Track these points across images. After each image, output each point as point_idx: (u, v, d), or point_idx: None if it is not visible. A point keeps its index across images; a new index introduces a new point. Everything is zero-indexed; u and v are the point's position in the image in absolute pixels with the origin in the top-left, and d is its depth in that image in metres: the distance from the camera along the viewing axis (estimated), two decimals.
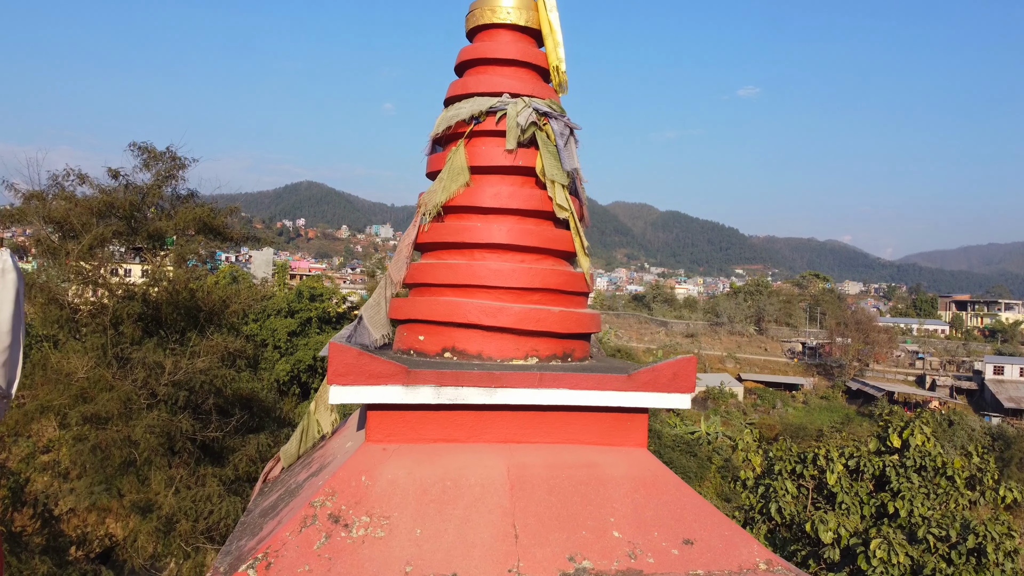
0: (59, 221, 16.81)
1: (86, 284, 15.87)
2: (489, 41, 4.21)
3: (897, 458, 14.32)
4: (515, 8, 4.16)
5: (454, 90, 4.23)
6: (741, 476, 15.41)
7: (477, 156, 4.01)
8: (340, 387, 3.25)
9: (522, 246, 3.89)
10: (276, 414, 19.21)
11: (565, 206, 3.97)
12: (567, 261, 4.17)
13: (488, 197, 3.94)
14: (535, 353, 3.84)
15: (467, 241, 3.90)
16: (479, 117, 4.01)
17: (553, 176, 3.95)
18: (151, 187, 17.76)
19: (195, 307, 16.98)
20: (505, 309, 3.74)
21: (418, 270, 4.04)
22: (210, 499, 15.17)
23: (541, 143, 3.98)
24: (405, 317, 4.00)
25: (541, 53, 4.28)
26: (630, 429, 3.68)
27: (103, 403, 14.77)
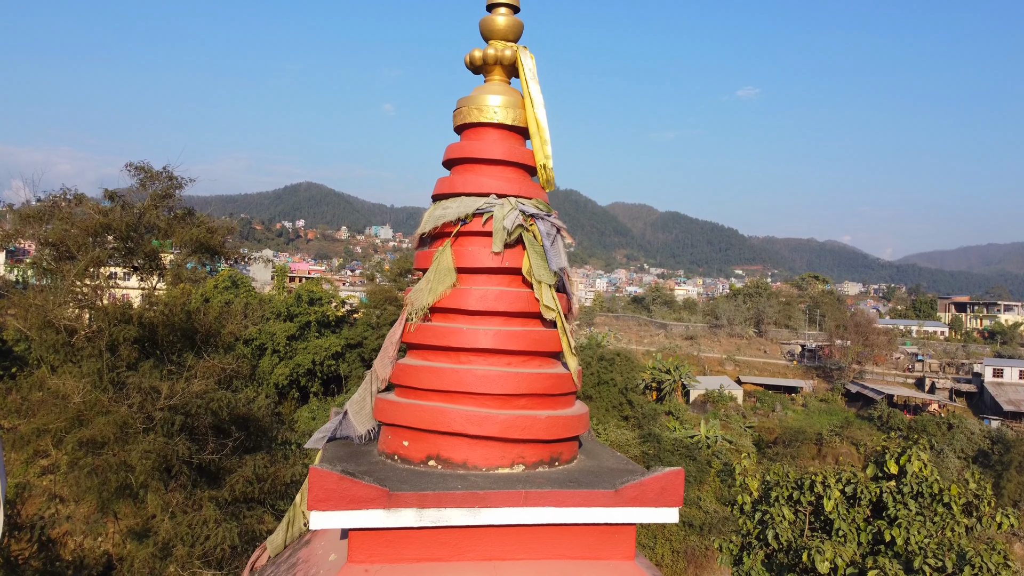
0: (55, 243, 16.78)
1: (82, 308, 15.83)
2: (476, 140, 4.18)
3: (894, 484, 14.30)
4: (502, 107, 4.12)
5: (441, 188, 4.20)
6: (738, 501, 15.39)
7: (464, 257, 3.98)
8: (320, 513, 3.22)
9: (508, 350, 3.86)
10: (273, 433, 19.17)
11: (552, 306, 3.94)
12: (555, 359, 4.14)
13: (474, 300, 3.90)
14: (521, 460, 3.81)
15: (453, 345, 3.87)
16: (466, 219, 3.98)
17: (540, 277, 3.92)
18: (148, 207, 17.71)
19: (191, 328, 16.94)
20: (490, 417, 3.71)
21: (403, 371, 4.01)
22: (206, 523, 15.13)
23: (528, 243, 3.95)
24: (390, 421, 3.97)
25: (528, 151, 4.24)
26: (618, 542, 3.65)
27: (99, 427, 14.74)
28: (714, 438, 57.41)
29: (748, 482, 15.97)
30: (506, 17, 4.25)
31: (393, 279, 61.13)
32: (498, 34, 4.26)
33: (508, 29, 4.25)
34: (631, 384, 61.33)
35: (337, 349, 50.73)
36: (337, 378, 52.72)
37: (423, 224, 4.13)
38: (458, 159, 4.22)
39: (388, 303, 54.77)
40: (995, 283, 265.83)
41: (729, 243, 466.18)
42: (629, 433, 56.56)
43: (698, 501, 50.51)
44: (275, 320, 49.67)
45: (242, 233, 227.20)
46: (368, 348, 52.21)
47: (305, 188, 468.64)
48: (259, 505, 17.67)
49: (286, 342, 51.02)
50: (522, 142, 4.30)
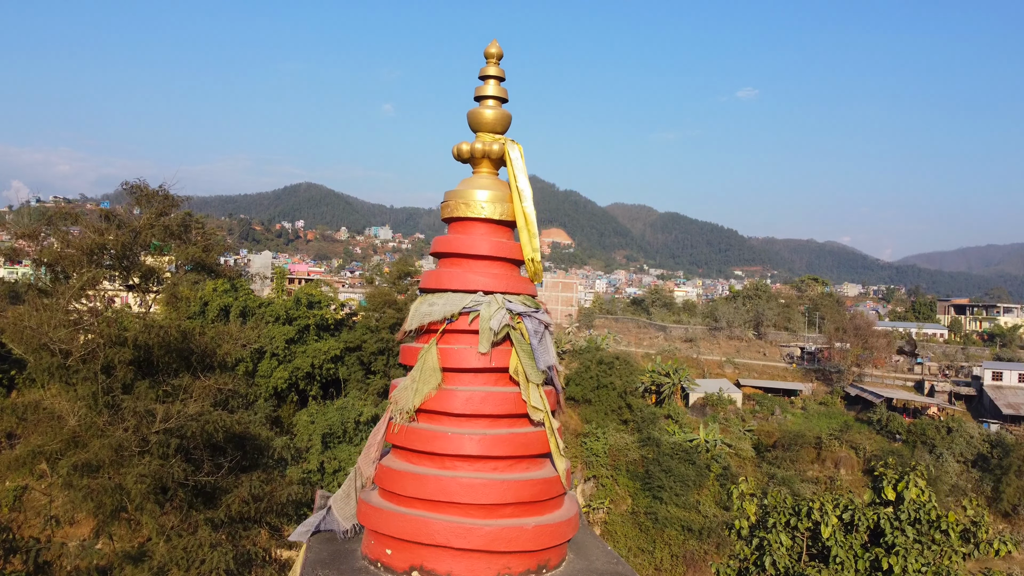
0: (51, 263, 16.74)
1: (77, 330, 15.78)
2: (463, 235, 4.13)
3: (892, 511, 14.26)
4: (489, 202, 4.07)
5: (428, 281, 4.14)
6: (736, 525, 15.35)
7: (450, 357, 3.92)
8: None
9: (494, 456, 3.80)
10: (269, 452, 19.14)
11: (540, 407, 3.89)
12: (543, 459, 4.08)
13: (460, 403, 3.85)
14: (507, 571, 3.75)
15: (438, 451, 3.81)
16: (452, 317, 3.93)
17: (528, 377, 3.87)
18: (144, 226, 17.67)
19: (187, 349, 16.90)
20: (475, 529, 3.65)
21: (387, 475, 3.95)
22: (201, 547, 15.11)
23: (515, 342, 3.90)
24: (373, 528, 3.91)
25: (516, 245, 4.19)
26: None
27: (95, 450, 14.71)
28: (713, 442, 57.40)
29: (746, 506, 15.92)
30: (494, 110, 4.20)
31: (392, 282, 61.07)
32: (486, 127, 4.21)
33: (496, 122, 4.20)
34: (630, 387, 61.32)
35: (336, 352, 50.69)
36: (336, 381, 52.71)
37: (409, 320, 4.08)
38: (445, 253, 4.17)
39: (387, 306, 54.71)
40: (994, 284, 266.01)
41: (729, 244, 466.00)
42: (628, 437, 56.58)
43: (697, 505, 50.52)
44: (274, 323, 49.58)
45: (242, 234, 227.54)
46: (367, 352, 52.18)
47: (305, 188, 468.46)
48: (255, 524, 17.67)
49: (285, 345, 50.95)
50: (510, 235, 4.25)
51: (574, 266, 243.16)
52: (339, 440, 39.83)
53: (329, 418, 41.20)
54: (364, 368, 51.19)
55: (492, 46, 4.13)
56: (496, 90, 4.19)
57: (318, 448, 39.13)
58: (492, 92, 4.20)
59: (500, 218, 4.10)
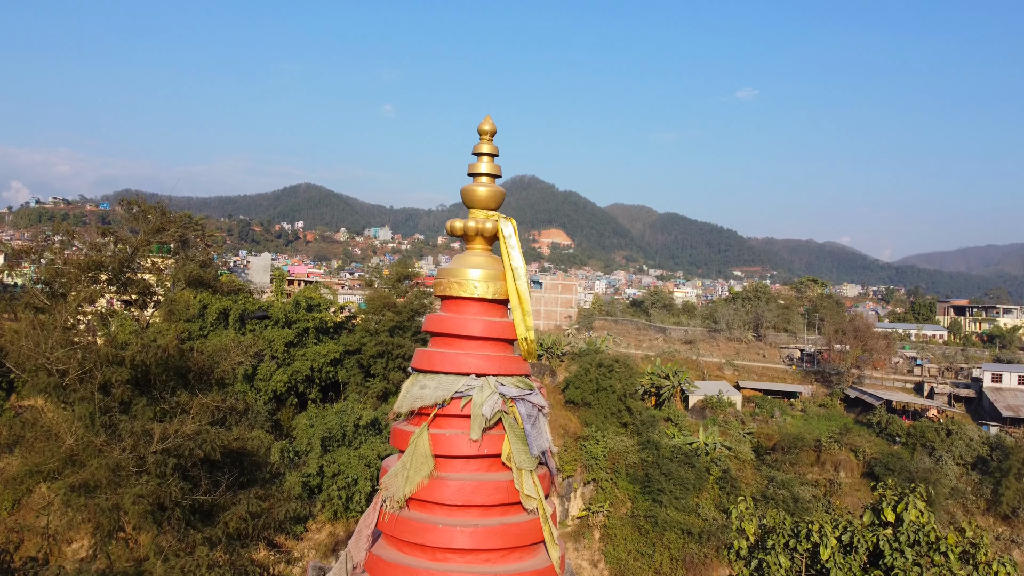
0: (48, 281, 16.70)
1: (74, 349, 15.72)
2: (456, 314, 4.07)
3: (891, 532, 14.23)
4: (482, 281, 4.01)
5: (420, 361, 4.08)
6: (735, 546, 15.30)
7: (441, 444, 3.86)
8: None
9: (486, 548, 3.74)
10: (267, 468, 19.08)
11: (533, 495, 3.83)
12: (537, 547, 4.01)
13: (451, 493, 3.79)
14: None
15: (428, 544, 3.75)
16: (444, 402, 3.87)
17: (520, 464, 3.81)
18: (141, 243, 17.63)
19: (184, 367, 16.84)
20: None
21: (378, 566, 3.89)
22: (199, 567, 15.07)
23: (508, 427, 3.84)
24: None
25: (509, 324, 4.13)
26: None
27: (92, 470, 14.65)
28: (713, 445, 57.32)
29: (745, 526, 15.86)
30: (487, 188, 4.14)
31: (391, 284, 60.98)
32: (479, 204, 4.15)
33: (489, 199, 4.14)
34: (630, 390, 61.17)
35: (335, 355, 50.64)
36: (335, 384, 52.69)
37: (400, 401, 4.02)
38: (438, 332, 4.11)
39: (386, 309, 54.64)
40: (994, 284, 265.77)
41: (728, 244, 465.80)
42: (628, 440, 56.46)
43: (697, 509, 50.44)
44: (273, 327, 49.53)
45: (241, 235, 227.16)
46: (366, 355, 52.14)
47: (304, 189, 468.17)
48: (253, 541, 17.62)
49: (284, 348, 50.90)
50: (504, 313, 4.19)
51: (573, 267, 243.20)
52: (338, 443, 39.79)
53: (328, 421, 41.17)
54: (363, 371, 51.12)
55: (485, 123, 4.07)
56: (490, 168, 4.13)
57: (317, 451, 39.09)
58: (485, 169, 4.14)
59: (493, 297, 4.04)
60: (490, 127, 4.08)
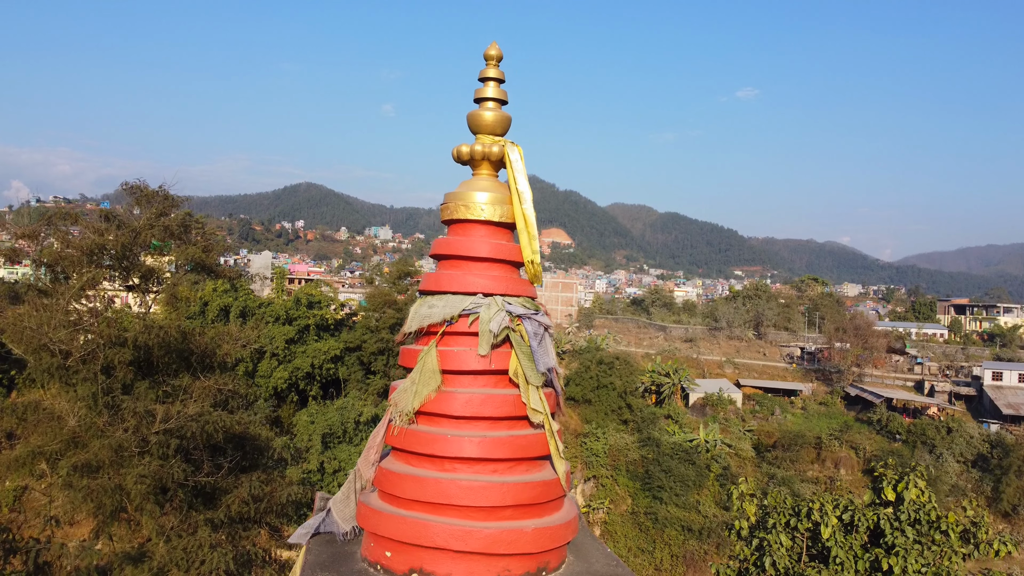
0: (51, 264, 16.73)
1: (77, 330, 15.77)
2: (463, 236, 4.13)
3: (892, 511, 14.26)
4: (489, 204, 4.07)
5: (428, 284, 4.15)
6: (736, 526, 15.34)
7: (449, 359, 3.92)
8: None
9: (493, 458, 3.80)
10: (269, 453, 19.13)
11: (539, 409, 3.89)
12: (543, 462, 4.08)
13: (460, 405, 3.85)
14: (507, 573, 3.75)
15: (437, 454, 3.82)
16: (452, 319, 3.93)
17: (528, 379, 3.87)
18: (144, 227, 17.66)
19: (187, 349, 16.89)
20: (475, 532, 3.65)
21: (387, 477, 3.95)
22: (201, 547, 15.10)
23: (515, 344, 3.90)
24: (372, 530, 3.91)
25: (515, 247, 4.19)
26: None
27: (95, 451, 14.70)
28: (713, 442, 57.41)
29: (745, 507, 15.91)
30: (494, 112, 4.21)
31: (392, 282, 61.03)
32: (486, 129, 4.21)
33: (496, 124, 4.20)
34: (630, 387, 61.31)
35: (336, 353, 50.70)
36: (336, 381, 52.69)
37: (409, 322, 4.08)
38: (445, 255, 4.17)
39: (387, 306, 54.66)
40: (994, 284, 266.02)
41: (728, 244, 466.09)
42: (628, 437, 56.57)
43: (697, 506, 50.49)
44: (274, 324, 49.59)
45: (241, 234, 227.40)
46: (367, 352, 52.13)
47: (304, 188, 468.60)
48: (255, 525, 17.65)
49: (285, 345, 50.94)
50: (510, 237, 4.25)
51: (574, 266, 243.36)
52: (339, 440, 39.80)
53: (329, 418, 41.17)
54: (364, 368, 51.18)
55: (491, 48, 4.13)
56: (496, 92, 4.19)
57: (318, 448, 39.10)
58: (492, 94, 4.20)
59: (500, 220, 4.11)
60: (496, 52, 4.14)
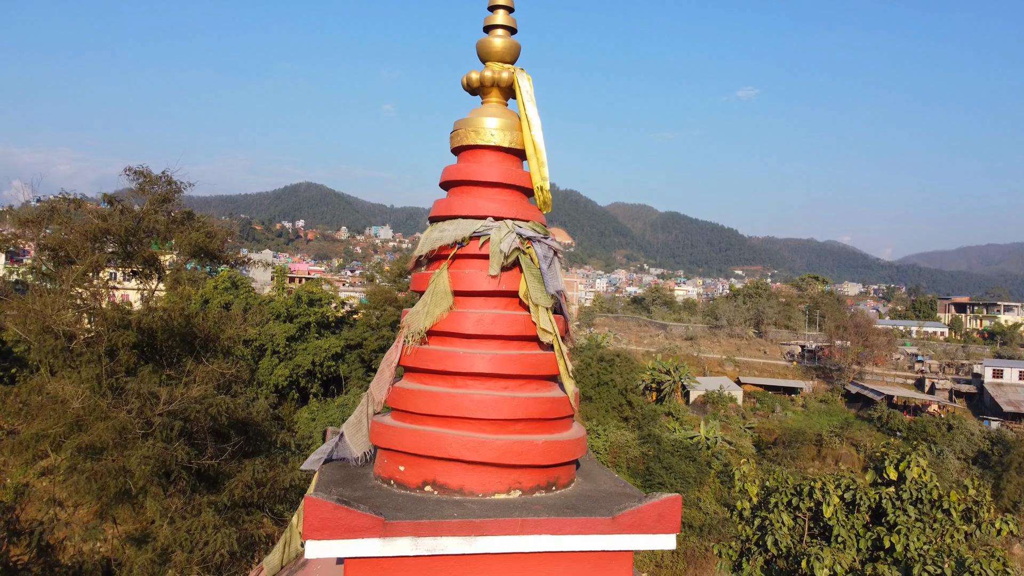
0: (54, 248, 16.76)
1: (81, 312, 15.81)
2: (473, 162, 4.17)
3: (893, 490, 14.28)
4: (499, 130, 4.11)
5: (438, 209, 4.19)
6: (738, 507, 15.37)
7: (460, 280, 3.97)
8: (316, 542, 3.21)
9: (505, 374, 3.85)
10: (272, 438, 19.16)
11: (549, 329, 3.93)
12: (552, 382, 4.13)
13: (471, 323, 3.90)
14: (518, 486, 3.80)
15: (450, 370, 3.86)
16: (463, 242, 3.97)
17: (537, 300, 3.91)
18: (147, 211, 17.69)
19: (190, 333, 16.93)
20: (487, 443, 3.70)
21: (400, 395, 4.00)
22: (205, 529, 15.13)
23: (525, 266, 3.94)
24: (386, 446, 3.96)
25: (525, 173, 4.23)
26: (615, 568, 3.64)
27: (98, 433, 14.73)
28: (714, 439, 57.42)
29: (748, 487, 15.94)
30: (503, 39, 4.25)
31: (393, 280, 61.05)
32: (495, 56, 4.25)
33: (505, 51, 4.24)
34: (631, 385, 61.31)
35: (337, 350, 50.71)
36: (337, 379, 52.67)
37: (420, 246, 4.12)
38: (455, 181, 4.21)
39: (388, 304, 54.67)
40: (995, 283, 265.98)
41: (729, 243, 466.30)
42: (629, 434, 56.55)
43: (698, 503, 50.50)
44: (275, 321, 49.60)
45: (242, 233, 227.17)
46: (368, 349, 52.11)
47: (305, 188, 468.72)
48: (258, 510, 17.67)
49: (286, 343, 50.96)
50: (519, 164, 4.29)
51: (574, 265, 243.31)
52: None
53: (330, 415, 41.14)
54: (365, 366, 51.17)
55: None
56: (505, 19, 4.23)
57: (319, 446, 39.15)
58: (501, 21, 4.24)
59: (510, 146, 4.15)
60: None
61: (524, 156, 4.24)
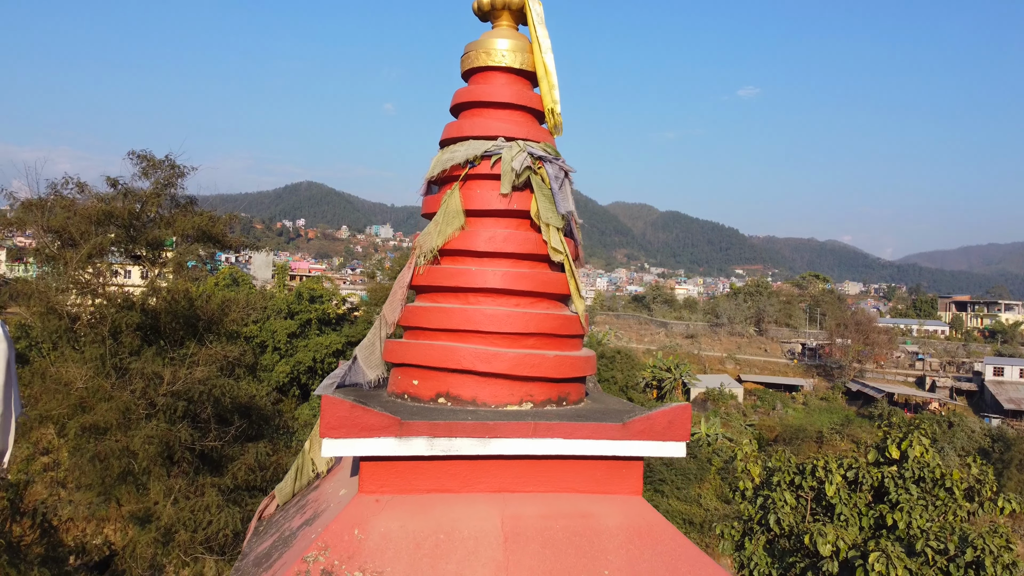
0: (58, 230, 16.80)
1: (84, 294, 15.85)
2: (484, 84, 4.21)
3: (896, 469, 14.30)
4: (510, 51, 4.15)
5: (449, 132, 4.23)
6: (740, 487, 15.39)
7: (472, 200, 4.01)
8: (333, 440, 3.25)
9: (517, 290, 3.89)
10: (275, 422, 19.19)
11: (560, 249, 3.97)
12: (562, 303, 4.17)
13: (483, 241, 3.94)
14: (530, 398, 3.84)
15: (462, 286, 3.90)
16: (474, 161, 4.01)
17: (548, 220, 3.95)
18: (150, 195, 17.74)
19: (194, 316, 16.96)
20: (499, 355, 3.74)
21: (413, 313, 4.04)
22: (208, 509, 15.15)
23: (536, 186, 3.98)
24: (399, 361, 4.00)
25: (536, 96, 4.27)
26: (625, 477, 3.68)
27: (102, 413, 14.76)
28: (715, 436, 57.43)
29: (750, 467, 15.96)
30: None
31: (394, 277, 61.09)
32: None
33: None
34: (631, 382, 61.36)
35: (338, 347, 50.70)
36: None
37: (431, 169, 4.16)
38: (466, 103, 4.25)
39: None
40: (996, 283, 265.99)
41: (729, 243, 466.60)
42: None
43: (698, 499, 50.52)
44: (276, 318, 49.63)
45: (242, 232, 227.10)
46: None
47: (305, 187, 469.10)
48: (261, 493, 17.70)
49: (287, 339, 50.98)
50: (530, 87, 4.33)
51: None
52: None
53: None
54: None
55: None
56: None
57: None
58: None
59: (521, 67, 4.19)
60: None
61: (535, 79, 4.28)
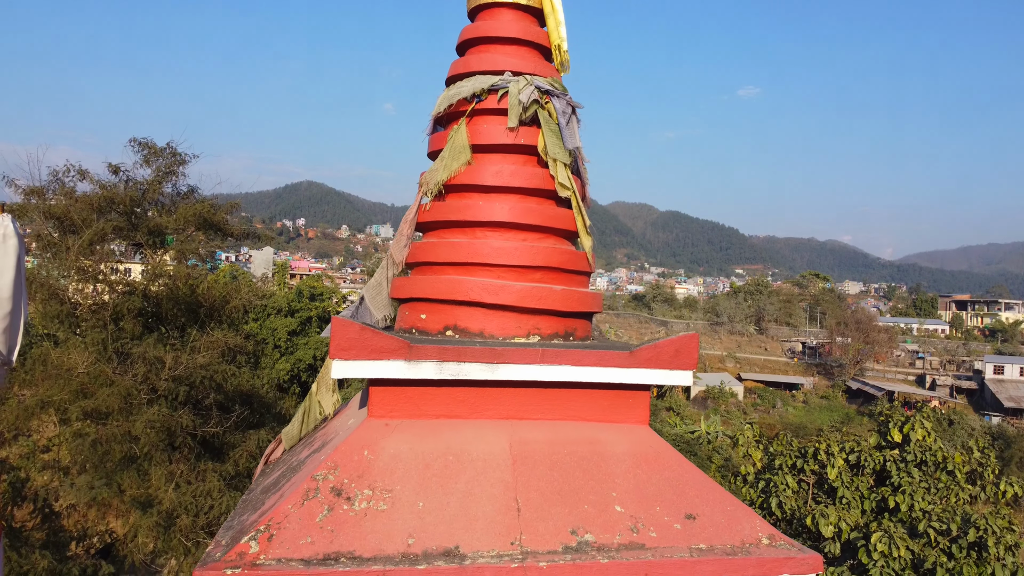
0: (59, 217, 16.80)
1: (86, 280, 15.85)
2: (490, 19, 4.22)
3: (898, 453, 14.30)
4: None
5: (455, 69, 4.23)
6: (742, 471, 15.38)
7: (479, 134, 4.01)
8: (342, 362, 3.24)
9: (524, 224, 3.89)
10: (276, 410, 19.19)
11: (567, 184, 3.97)
12: (569, 240, 4.17)
13: (490, 175, 3.93)
14: (537, 331, 3.84)
15: (469, 219, 3.91)
16: (481, 95, 4.00)
17: (555, 154, 3.94)
18: (151, 183, 17.75)
19: (195, 303, 16.97)
20: (507, 287, 3.74)
21: (419, 249, 4.04)
22: (210, 494, 15.15)
23: (543, 121, 3.98)
24: (407, 296, 4.00)
25: (543, 32, 4.28)
26: (632, 406, 3.68)
27: (103, 398, 14.75)
28: (715, 434, 57.39)
29: (751, 452, 15.95)
30: None
31: None
32: None
33: None
34: None
35: None
36: None
37: (437, 106, 4.16)
38: (472, 39, 4.25)
39: None
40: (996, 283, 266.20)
41: (729, 242, 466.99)
42: None
43: None
44: (276, 316, 49.63)
45: None
46: None
47: (306, 187, 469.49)
48: None
49: (287, 337, 50.93)
50: (536, 23, 4.33)
51: None
52: None
53: None
54: None
55: None
56: None
57: None
58: None
59: (527, 3, 4.19)
60: None
61: (541, 16, 4.28)
